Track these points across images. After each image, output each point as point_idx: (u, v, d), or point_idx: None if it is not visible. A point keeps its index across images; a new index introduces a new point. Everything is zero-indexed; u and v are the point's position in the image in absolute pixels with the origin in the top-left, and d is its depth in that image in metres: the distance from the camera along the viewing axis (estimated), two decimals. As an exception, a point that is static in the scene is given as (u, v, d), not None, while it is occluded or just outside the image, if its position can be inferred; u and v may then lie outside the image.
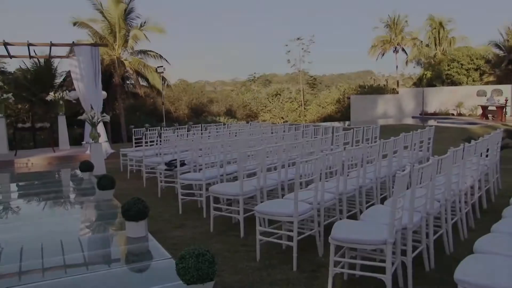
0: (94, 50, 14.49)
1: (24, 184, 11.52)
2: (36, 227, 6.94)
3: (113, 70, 28.07)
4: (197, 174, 7.48)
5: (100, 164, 11.55)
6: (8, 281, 4.74)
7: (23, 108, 30.20)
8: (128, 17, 28.50)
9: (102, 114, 12.44)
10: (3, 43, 13.81)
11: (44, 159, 14.17)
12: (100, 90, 14.52)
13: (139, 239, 5.74)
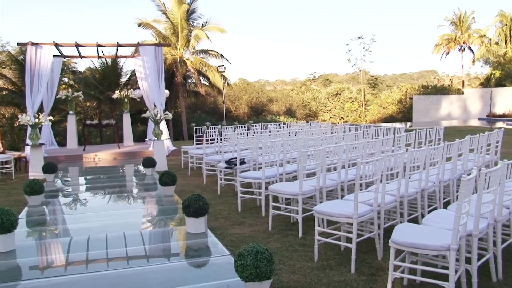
0: (157, 50, 14.89)
1: (91, 177, 12.06)
2: (101, 219, 7.27)
3: (176, 69, 28.76)
4: (256, 173, 7.54)
5: (162, 160, 11.89)
6: (76, 268, 5.01)
7: (91, 105, 31.58)
8: (190, 18, 29.10)
9: (165, 112, 12.78)
10: (75, 44, 14.51)
11: (109, 154, 14.75)
12: (163, 89, 14.90)
13: (199, 235, 5.86)
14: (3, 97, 27.94)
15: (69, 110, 17.22)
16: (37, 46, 13.90)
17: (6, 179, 11.53)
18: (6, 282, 4.70)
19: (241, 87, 45.67)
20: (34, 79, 13.78)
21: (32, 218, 7.31)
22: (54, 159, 12.64)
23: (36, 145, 11.39)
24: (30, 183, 7.93)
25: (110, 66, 27.82)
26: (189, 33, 29.30)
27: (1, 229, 5.27)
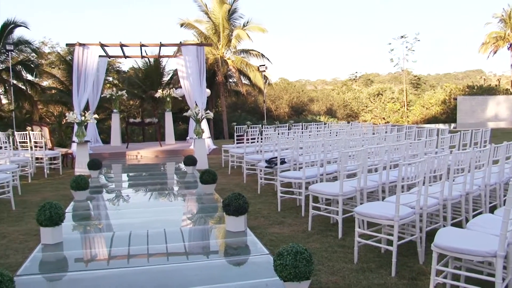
0: (199, 50, 15.07)
1: (133, 174, 12.35)
2: (142, 215, 7.44)
3: (217, 68, 29.02)
4: (297, 173, 7.53)
5: (203, 159, 12.03)
6: (118, 262, 5.14)
7: (134, 104, 32.30)
8: (231, 18, 29.30)
9: (206, 111, 12.92)
10: (119, 44, 14.89)
11: (151, 152, 15.04)
12: (205, 88, 15.06)
13: (238, 233, 5.90)
14: (52, 96, 28.95)
15: (113, 108, 17.68)
16: (84, 47, 14.33)
17: (54, 175, 11.95)
18: (55, 273, 4.91)
19: (281, 86, 45.61)
20: (81, 79, 14.22)
21: (77, 213, 7.55)
22: (98, 156, 13.00)
23: (82, 142, 11.74)
24: (76, 179, 8.19)
25: (153, 66, 28.38)
26: (230, 33, 29.51)
27: (49, 222, 5.48)
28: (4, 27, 25.83)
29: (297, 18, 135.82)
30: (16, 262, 5.07)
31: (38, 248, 5.48)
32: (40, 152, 12.01)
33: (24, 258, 5.18)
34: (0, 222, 7.00)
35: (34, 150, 12.09)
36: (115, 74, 32.94)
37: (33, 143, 12.11)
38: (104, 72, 17.47)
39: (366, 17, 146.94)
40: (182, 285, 4.39)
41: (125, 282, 4.50)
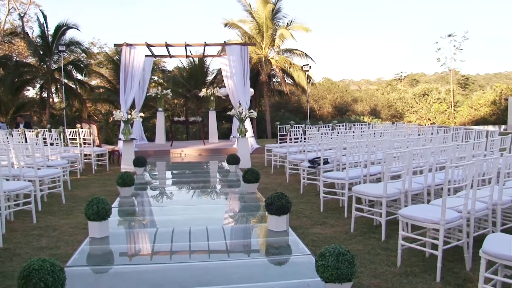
0: (243, 49, 15.15)
1: (177, 172, 12.56)
2: (185, 212, 7.55)
3: (260, 68, 29.10)
4: (340, 173, 7.46)
5: (246, 158, 12.09)
6: (161, 258, 5.26)
7: (179, 103, 32.82)
8: (275, 17, 29.29)
9: (250, 110, 12.98)
10: (165, 44, 15.17)
11: (195, 150, 15.25)
12: (248, 88, 15.13)
13: (280, 233, 5.90)
14: (100, 94, 29.84)
15: (158, 107, 18.03)
16: (131, 47, 14.68)
17: (101, 171, 12.32)
18: (101, 265, 5.07)
19: (325, 86, 45.29)
20: (128, 78, 14.57)
21: (123, 208, 7.75)
22: (143, 154, 13.29)
23: (128, 139, 12.04)
24: (122, 176, 8.41)
25: (197, 65, 28.76)
26: (274, 33, 29.52)
27: (97, 216, 5.66)
28: (57, 29, 26.85)
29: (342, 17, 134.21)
30: (66, 253, 5.26)
31: (86, 241, 5.67)
32: (89, 149, 12.40)
33: (73, 250, 5.38)
34: (52, 215, 7.29)
35: (83, 147, 12.51)
36: (161, 74, 33.59)
37: (82, 140, 12.52)
38: (150, 72, 17.85)
39: (412, 15, 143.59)
40: (223, 282, 4.43)
41: (167, 277, 4.58)
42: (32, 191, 6.97)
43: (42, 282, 3.36)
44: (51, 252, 5.33)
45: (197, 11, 78.00)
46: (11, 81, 27.14)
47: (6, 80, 27.17)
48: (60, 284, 3.48)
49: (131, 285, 4.41)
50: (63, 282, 3.53)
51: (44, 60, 27.78)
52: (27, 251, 5.42)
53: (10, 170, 7.61)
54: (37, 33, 29.59)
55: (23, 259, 5.05)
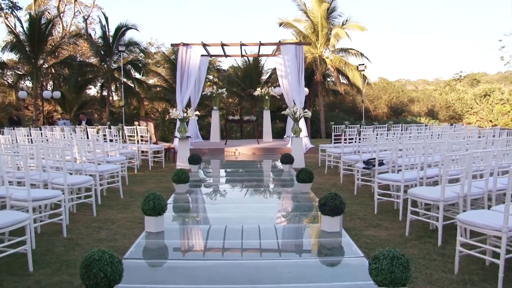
0: (298, 49, 15.11)
1: (231, 170, 12.70)
2: (238, 210, 7.63)
3: (315, 67, 28.91)
4: (395, 175, 7.30)
5: (300, 157, 12.05)
6: (213, 255, 5.34)
7: (233, 102, 33.16)
8: (330, 16, 28.99)
9: (304, 109, 12.92)
10: (220, 44, 15.38)
11: (249, 149, 15.35)
12: (303, 87, 15.08)
13: (333, 234, 5.85)
14: (157, 93, 30.64)
15: (213, 106, 18.29)
16: (187, 47, 14.99)
17: (157, 167, 12.65)
18: (156, 259, 5.24)
19: (380, 86, 44.43)
20: (184, 77, 14.89)
21: (178, 205, 7.93)
22: (198, 151, 13.52)
23: (184, 137, 12.29)
24: (177, 173, 8.60)
25: (252, 64, 28.94)
26: (329, 32, 29.24)
27: (153, 211, 5.82)
28: (117, 30, 27.82)
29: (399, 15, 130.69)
30: (123, 246, 5.45)
31: (142, 235, 5.85)
32: (146, 146, 12.77)
33: (130, 243, 5.56)
34: (111, 208, 7.57)
35: (140, 144, 12.89)
36: (216, 73, 34.06)
37: (140, 137, 12.90)
38: (205, 71, 18.15)
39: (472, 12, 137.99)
40: (275, 281, 4.44)
41: (219, 274, 4.65)
42: (93, 185, 7.26)
43: (101, 272, 3.51)
44: (109, 244, 5.53)
45: (252, 11, 78.43)
46: (75, 80, 28.42)
47: (70, 80, 28.48)
48: (118, 275, 3.62)
49: (184, 280, 4.50)
50: (121, 273, 3.66)
51: (105, 60, 28.85)
52: (87, 242, 5.67)
53: (73, 165, 7.96)
54: (99, 34, 30.84)
55: (84, 250, 5.29)
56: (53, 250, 5.37)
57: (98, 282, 3.52)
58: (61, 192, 6.11)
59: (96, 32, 35.67)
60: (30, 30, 26.62)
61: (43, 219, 6.20)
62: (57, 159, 7.45)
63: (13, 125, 16.08)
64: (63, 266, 4.81)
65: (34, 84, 28.30)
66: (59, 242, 5.69)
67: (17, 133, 11.16)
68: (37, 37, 26.22)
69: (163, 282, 4.48)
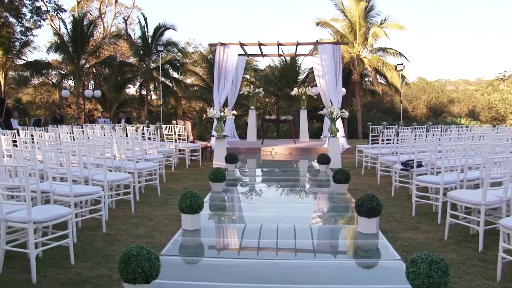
0: (335, 48, 14.99)
1: (267, 170, 12.72)
2: (274, 210, 7.63)
3: (352, 67, 28.62)
4: (434, 177, 7.14)
5: (337, 158, 11.96)
6: (248, 253, 5.37)
7: (270, 101, 33.20)
8: (368, 15, 28.61)
9: (341, 110, 12.82)
10: (258, 44, 15.41)
11: (285, 149, 15.33)
12: (340, 87, 14.95)
13: (369, 235, 5.78)
14: (194, 92, 30.99)
15: (250, 105, 18.36)
16: (224, 46, 15.09)
17: (194, 166, 12.80)
18: (192, 256, 5.34)
19: (419, 86, 43.56)
20: (221, 76, 15.00)
21: (214, 203, 8.01)
22: (235, 151, 13.59)
23: (221, 136, 12.38)
24: (214, 171, 8.68)
25: (289, 64, 28.89)
26: (366, 31, 28.85)
27: (189, 209, 5.90)
28: (156, 30, 28.32)
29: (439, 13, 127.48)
30: (160, 242, 5.55)
31: (179, 233, 5.94)
32: (183, 145, 12.93)
33: (167, 240, 5.65)
34: (148, 205, 7.71)
35: (178, 142, 13.06)
36: (253, 72, 34.16)
37: (177, 135, 13.08)
38: (242, 70, 18.24)
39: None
40: (310, 282, 4.42)
41: (254, 273, 4.67)
42: (131, 183, 7.42)
43: (139, 267, 3.59)
44: (147, 241, 5.64)
45: (289, 10, 78.27)
46: (115, 79, 29.13)
47: (110, 79, 29.20)
48: (155, 271, 3.69)
49: (219, 278, 4.54)
50: (158, 269, 3.73)
51: (144, 59, 29.40)
52: (126, 238, 5.79)
53: (112, 162, 8.15)
54: (138, 34, 31.47)
55: (122, 245, 5.41)
56: (93, 244, 5.52)
57: (136, 277, 3.60)
58: (101, 188, 6.27)
59: (135, 33, 36.46)
60: (73, 31, 27.47)
61: (84, 214, 6.39)
62: (98, 157, 7.64)
63: (56, 123, 16.61)
64: (102, 260, 4.94)
65: (76, 83, 29.18)
66: (98, 237, 5.84)
67: (60, 131, 11.50)
68: (79, 38, 27.01)
69: (198, 279, 4.53)
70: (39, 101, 37.92)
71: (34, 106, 37.23)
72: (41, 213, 4.66)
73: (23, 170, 4.74)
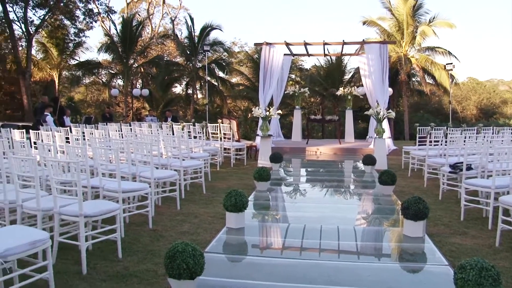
0: (382, 48, 14.75)
1: (311, 170, 12.66)
2: (317, 210, 7.59)
3: (399, 67, 28.04)
4: (485, 181, 6.91)
5: (382, 159, 11.76)
6: (291, 253, 5.38)
7: (315, 101, 33.04)
8: (416, 13, 27.91)
9: (388, 110, 12.60)
10: (303, 43, 15.36)
11: (330, 149, 15.20)
12: (387, 87, 14.70)
13: (415, 239, 5.66)
14: (240, 91, 31.23)
15: (295, 105, 18.30)
16: (270, 46, 15.13)
17: (239, 165, 12.89)
18: (235, 254, 5.39)
19: (469, 86, 42.26)
20: (267, 76, 15.05)
21: (258, 202, 8.04)
22: (280, 150, 13.58)
23: (266, 136, 12.41)
24: (259, 170, 8.71)
25: (334, 64, 28.67)
26: (414, 30, 28.18)
27: (234, 208, 5.95)
28: (202, 30, 28.74)
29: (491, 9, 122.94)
30: (205, 240, 5.63)
31: (223, 231, 6.01)
32: (228, 143, 13.05)
33: (211, 237, 5.73)
34: (193, 203, 7.84)
35: (223, 141, 13.19)
36: (298, 72, 34.10)
37: (222, 134, 13.21)
38: (288, 70, 18.22)
39: None
40: (354, 284, 4.38)
41: (297, 273, 4.66)
42: (177, 180, 7.55)
43: (184, 264, 3.65)
44: (192, 237, 5.73)
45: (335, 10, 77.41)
46: (162, 79, 29.76)
47: (158, 78, 29.86)
48: (200, 267, 3.75)
49: (263, 277, 4.55)
50: (202, 266, 3.79)
51: (190, 59, 29.87)
52: (171, 234, 5.91)
53: (159, 160, 8.33)
54: (185, 34, 31.97)
55: (168, 241, 5.53)
56: (140, 239, 5.67)
57: (180, 273, 3.67)
58: (148, 185, 6.43)
59: (182, 33, 37.09)
60: (123, 32, 28.28)
61: (131, 210, 6.56)
62: (145, 154, 7.83)
63: (106, 120, 17.12)
64: (148, 255, 5.07)
65: (125, 82, 29.98)
66: (145, 232, 5.99)
67: (109, 128, 11.85)
68: (128, 39, 27.79)
69: (241, 277, 4.56)
70: (90, 100, 39.27)
71: (85, 104, 38.60)
72: (91, 208, 4.84)
73: (75, 166, 4.92)
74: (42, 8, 26.21)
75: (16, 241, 3.68)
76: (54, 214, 4.77)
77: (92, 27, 29.18)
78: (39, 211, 4.86)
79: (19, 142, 8.00)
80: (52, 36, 29.17)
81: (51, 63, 30.14)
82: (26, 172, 5.63)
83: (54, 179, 4.86)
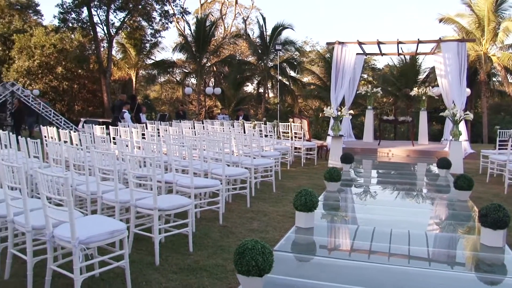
0: (460, 46, 14.15)
1: (383, 172, 12.39)
2: (388, 213, 7.41)
3: (479, 66, 26.74)
4: None
5: (458, 163, 11.28)
6: (360, 256, 5.29)
7: (388, 101, 32.28)
8: (499, 9, 26.42)
9: (465, 112, 12.06)
10: (376, 42, 15.07)
11: (403, 151, 14.80)
12: (464, 87, 14.09)
13: (494, 249, 5.36)
14: (311, 91, 31.13)
15: (367, 105, 17.98)
16: (342, 45, 14.97)
17: (309, 164, 12.86)
18: (303, 254, 5.38)
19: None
20: (339, 75, 14.90)
21: (328, 202, 7.99)
22: (351, 151, 13.40)
23: (337, 136, 12.29)
24: (329, 171, 8.65)
25: (408, 63, 27.88)
26: (496, 26, 26.69)
27: (304, 207, 5.95)
28: (274, 29, 28.92)
29: None
30: (274, 238, 5.68)
31: (292, 230, 6.02)
32: (299, 143, 13.05)
33: (280, 236, 5.77)
34: (263, 201, 7.92)
35: (294, 140, 13.21)
36: (371, 71, 33.45)
37: (293, 133, 13.23)
38: (360, 70, 17.93)
39: None
40: (425, 291, 4.26)
41: (364, 276, 4.58)
42: (248, 178, 7.65)
43: (253, 261, 3.71)
44: (261, 235, 5.80)
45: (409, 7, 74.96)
46: (234, 77, 30.27)
47: (230, 77, 30.41)
48: (268, 265, 3.79)
49: (330, 278, 4.53)
50: (271, 264, 3.83)
51: (262, 58, 30.16)
52: (241, 231, 6.01)
53: (231, 157, 8.49)
54: (257, 34, 32.34)
55: (237, 238, 5.63)
56: (210, 235, 5.82)
57: (249, 269, 3.73)
58: (219, 182, 6.58)
59: (254, 32, 37.52)
60: (196, 32, 29.11)
61: (202, 206, 6.74)
62: (217, 151, 8.01)
63: (179, 118, 17.67)
64: (218, 250, 5.19)
65: (198, 81, 30.82)
66: (215, 228, 6.14)
67: (183, 126, 12.21)
68: (202, 38, 28.52)
69: (309, 277, 4.55)
70: (164, 98, 40.69)
71: (160, 102, 40.06)
72: (165, 202, 5.04)
73: (150, 161, 5.14)
74: (122, 10, 27.60)
75: (97, 229, 3.91)
76: (131, 207, 5.01)
77: (167, 28, 30.35)
78: (117, 203, 5.14)
79: (100, 138, 8.47)
80: (131, 37, 30.62)
81: (129, 63, 31.61)
82: (106, 166, 5.95)
83: (131, 173, 5.10)
